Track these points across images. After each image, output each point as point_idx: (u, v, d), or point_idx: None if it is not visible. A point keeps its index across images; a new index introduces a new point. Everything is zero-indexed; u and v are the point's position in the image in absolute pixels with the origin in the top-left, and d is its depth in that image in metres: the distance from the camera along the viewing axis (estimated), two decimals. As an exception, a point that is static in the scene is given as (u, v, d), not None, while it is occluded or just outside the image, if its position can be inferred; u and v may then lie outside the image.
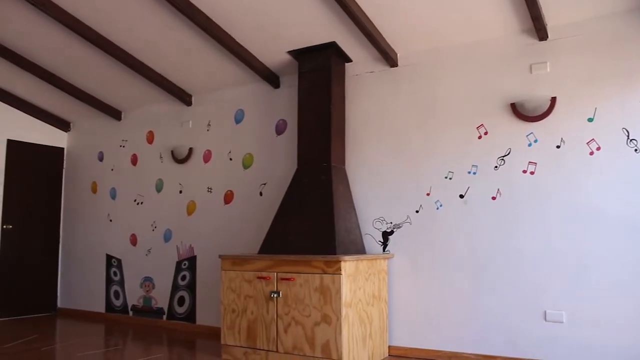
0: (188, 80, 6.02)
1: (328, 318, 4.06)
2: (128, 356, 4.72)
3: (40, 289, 7.44)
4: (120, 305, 6.82)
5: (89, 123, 7.57)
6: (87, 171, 7.51)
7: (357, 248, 4.70)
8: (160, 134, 6.67)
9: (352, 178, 5.06)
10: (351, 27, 4.57)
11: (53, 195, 7.69)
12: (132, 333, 5.89)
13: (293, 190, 4.90)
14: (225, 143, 6.00)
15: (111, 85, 6.41)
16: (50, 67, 6.19)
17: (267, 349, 4.37)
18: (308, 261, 4.21)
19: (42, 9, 4.82)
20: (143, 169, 6.80)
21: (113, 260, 6.99)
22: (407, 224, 4.75)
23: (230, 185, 5.91)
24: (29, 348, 5.05)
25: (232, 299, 4.62)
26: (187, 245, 6.21)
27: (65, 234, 7.68)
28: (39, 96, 7.07)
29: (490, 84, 4.49)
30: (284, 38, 4.93)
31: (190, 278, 6.13)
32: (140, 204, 6.77)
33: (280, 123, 5.60)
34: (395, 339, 4.72)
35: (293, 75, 5.49)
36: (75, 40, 5.44)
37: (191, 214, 6.22)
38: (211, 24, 4.76)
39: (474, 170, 4.49)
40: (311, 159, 4.91)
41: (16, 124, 7.31)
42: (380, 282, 4.60)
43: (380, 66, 5.02)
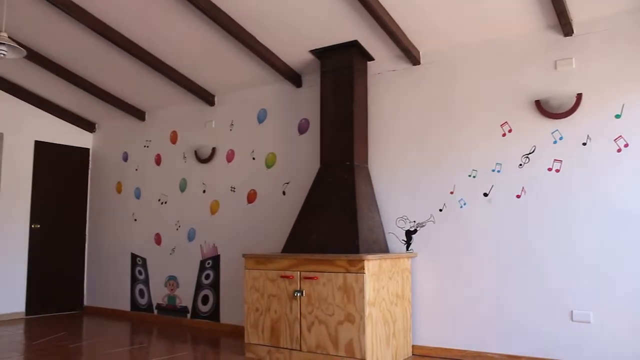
0: (211, 80, 6.06)
1: (351, 317, 4.06)
2: (153, 354, 4.76)
3: (67, 287, 7.56)
4: (145, 304, 6.89)
5: (114, 124, 7.67)
6: (112, 171, 7.60)
7: (380, 247, 4.69)
8: (183, 134, 6.72)
9: (375, 177, 5.04)
10: (373, 26, 4.56)
11: (79, 195, 7.80)
12: (157, 331, 5.94)
13: (316, 190, 4.90)
14: (248, 142, 6.03)
15: (135, 86, 6.48)
16: (75, 69, 6.28)
17: (290, 348, 4.38)
18: (331, 260, 4.21)
19: (66, 12, 4.89)
20: (167, 168, 6.86)
21: (138, 259, 7.06)
22: (430, 222, 4.73)
23: (253, 185, 5.93)
24: (57, 345, 5.13)
25: (255, 297, 4.64)
26: (211, 245, 6.25)
27: (91, 233, 7.79)
28: (65, 98, 7.18)
29: (514, 81, 4.44)
30: (306, 37, 4.93)
31: (214, 277, 6.17)
32: (164, 204, 6.83)
33: (303, 122, 5.61)
34: (419, 339, 4.70)
35: (315, 75, 5.49)
36: (100, 43, 5.51)
37: (215, 213, 6.26)
38: (234, 24, 4.78)
39: (498, 168, 4.45)
40: (334, 158, 4.90)
41: (43, 126, 7.43)
42: (404, 281, 4.58)
43: (403, 64, 5.00)
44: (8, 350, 4.91)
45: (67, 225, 7.62)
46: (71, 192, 7.71)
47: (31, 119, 7.31)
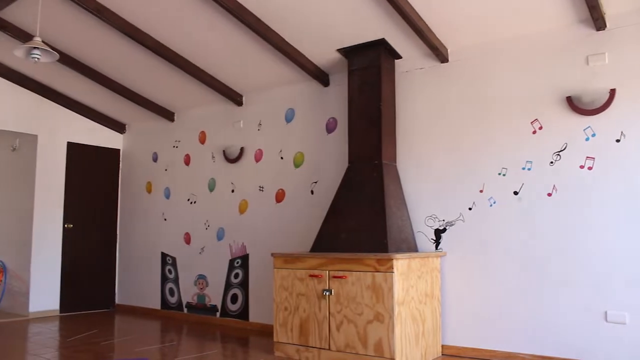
0: (239, 80, 6.09)
1: (380, 316, 4.04)
2: (183, 352, 4.81)
3: (99, 286, 7.68)
4: (175, 302, 6.97)
5: (144, 125, 7.77)
6: (142, 171, 7.70)
7: (409, 246, 4.66)
8: (212, 134, 6.77)
9: (404, 175, 5.02)
10: (400, 23, 4.53)
11: (110, 195, 7.93)
12: (187, 329, 6.00)
13: (344, 188, 4.89)
14: (276, 142, 6.05)
15: (164, 87, 6.55)
16: (106, 71, 6.38)
17: (319, 347, 4.39)
18: (360, 259, 4.20)
19: (98, 16, 4.97)
20: (196, 168, 6.92)
21: (168, 258, 7.15)
22: (459, 221, 4.68)
23: (282, 184, 5.95)
24: (90, 342, 5.22)
25: (284, 296, 4.65)
26: (240, 244, 6.29)
27: (122, 232, 7.91)
28: (96, 100, 7.29)
29: (545, 77, 4.37)
30: (333, 36, 4.93)
31: (243, 276, 6.21)
32: (193, 203, 6.90)
33: (331, 121, 5.61)
34: (448, 338, 4.66)
35: (343, 73, 5.49)
36: (131, 45, 5.59)
37: (243, 213, 6.29)
38: (261, 24, 4.80)
39: (528, 166, 4.38)
40: (362, 156, 4.89)
41: (75, 127, 7.57)
42: (433, 280, 4.55)
43: (431, 62, 4.96)
44: (44, 347, 5.01)
45: (99, 225, 7.75)
46: (103, 193, 7.84)
47: (64, 120, 7.45)
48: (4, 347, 5.06)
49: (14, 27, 5.56)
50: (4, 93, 6.88)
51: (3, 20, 5.47)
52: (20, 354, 4.73)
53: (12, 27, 5.56)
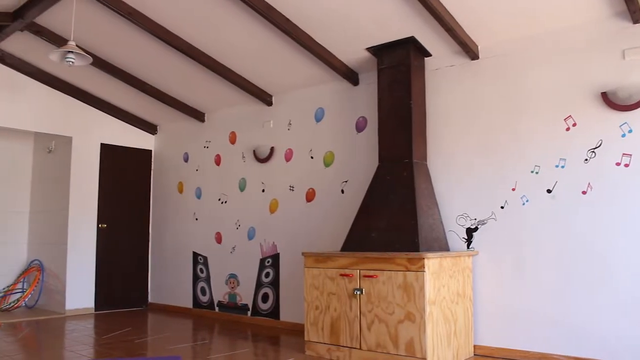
0: (268, 80, 6.12)
1: (412, 316, 4.02)
2: (215, 350, 4.85)
3: (132, 284, 7.80)
4: (207, 301, 7.03)
5: (175, 125, 7.86)
6: (174, 172, 7.79)
7: (440, 245, 4.62)
8: (242, 134, 6.82)
9: (434, 174, 4.98)
10: (430, 21, 4.49)
11: (142, 196, 8.05)
12: (218, 328, 6.05)
13: (375, 187, 4.88)
14: (306, 141, 6.06)
15: (195, 88, 6.62)
16: (138, 73, 6.47)
17: (350, 346, 4.38)
18: (391, 258, 4.18)
19: (129, 19, 5.04)
20: (226, 168, 6.98)
21: (199, 257, 7.22)
22: (491, 220, 4.63)
23: (312, 183, 5.96)
24: (123, 340, 5.30)
25: (315, 296, 4.66)
26: (270, 243, 6.32)
27: (155, 232, 8.02)
28: (129, 102, 7.41)
29: (579, 73, 4.29)
30: (362, 35, 4.92)
31: (274, 275, 6.23)
32: (224, 203, 6.95)
33: (361, 120, 5.59)
34: (480, 339, 4.61)
35: (372, 72, 5.47)
36: (161, 47, 5.66)
37: (274, 212, 6.32)
38: (290, 24, 4.81)
39: (562, 163, 4.31)
40: (392, 155, 4.87)
41: (108, 129, 7.70)
42: (465, 279, 4.51)
43: (461, 59, 4.91)
44: (80, 344, 5.11)
45: (131, 224, 7.87)
46: (135, 193, 7.96)
47: (97, 122, 7.58)
48: (43, 343, 5.18)
49: (49, 31, 5.68)
50: (40, 96, 7.04)
51: (38, 25, 5.60)
52: (58, 350, 4.83)
53: (48, 32, 5.68)
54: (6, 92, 6.75)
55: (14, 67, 6.70)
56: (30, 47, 6.18)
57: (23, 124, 6.91)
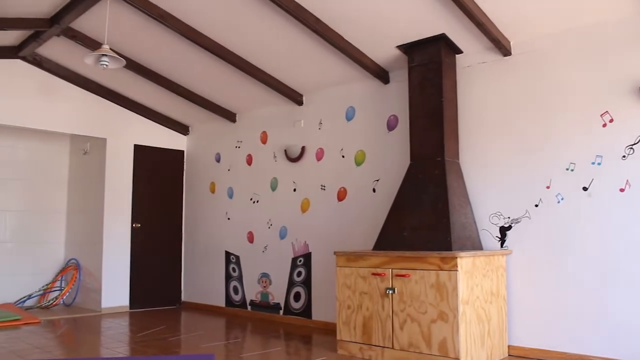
0: (299, 80, 6.14)
1: (445, 315, 3.99)
2: (247, 349, 4.89)
3: (166, 283, 7.91)
4: (239, 300, 7.09)
5: (206, 126, 7.94)
6: (206, 172, 7.87)
7: (473, 244, 4.58)
8: (273, 134, 6.85)
9: (467, 172, 4.93)
10: (461, 17, 4.45)
11: (175, 196, 8.15)
12: (251, 327, 6.09)
13: (406, 186, 4.85)
14: (337, 140, 6.06)
15: (226, 89, 6.67)
16: (170, 75, 6.56)
17: (382, 346, 4.37)
18: (423, 257, 4.16)
19: (161, 21, 5.11)
20: (258, 168, 7.02)
21: (232, 256, 7.28)
22: (525, 218, 4.56)
23: (343, 183, 5.95)
24: (157, 338, 5.38)
25: (347, 295, 4.66)
26: (302, 242, 6.33)
27: (187, 232, 8.11)
28: (161, 103, 7.51)
29: (616, 68, 4.19)
30: (393, 33, 4.89)
31: (306, 274, 6.25)
32: (256, 203, 7.00)
33: (392, 119, 5.57)
34: (515, 339, 4.54)
35: (403, 70, 5.44)
36: (193, 49, 5.72)
37: (305, 212, 6.34)
38: (320, 24, 4.82)
39: (598, 160, 4.22)
40: (424, 153, 4.84)
41: (141, 130, 7.82)
42: (499, 279, 4.45)
43: (493, 56, 4.85)
44: (116, 341, 5.20)
45: (165, 224, 7.98)
46: (168, 193, 8.06)
47: (130, 124, 7.71)
48: (80, 340, 5.29)
49: (83, 36, 5.80)
50: (76, 99, 7.19)
51: (74, 30, 5.71)
52: (95, 347, 4.93)
53: (82, 36, 5.80)
54: (44, 96, 6.91)
55: (50, 71, 6.86)
56: (66, 51, 6.32)
57: (60, 127, 7.07)
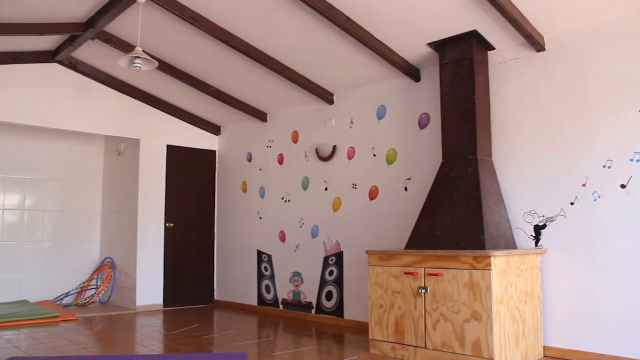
0: (329, 79, 6.14)
1: (478, 315, 3.95)
2: (279, 347, 4.91)
3: (199, 282, 8.00)
4: (271, 299, 7.12)
5: (238, 126, 8.00)
6: (238, 171, 7.93)
7: (507, 243, 4.52)
8: (304, 133, 6.87)
9: (500, 170, 4.86)
10: (492, 13, 4.38)
11: (208, 195, 8.23)
12: (283, 325, 6.12)
13: (439, 184, 4.82)
14: (368, 139, 6.04)
15: (257, 89, 6.71)
16: (201, 76, 6.62)
17: (415, 345, 4.34)
18: (456, 256, 4.12)
19: (192, 23, 5.16)
20: (289, 167, 7.04)
21: (264, 255, 7.32)
22: (561, 216, 4.48)
23: (375, 181, 5.93)
24: (191, 336, 5.44)
25: (379, 294, 4.64)
26: (334, 241, 6.33)
27: (220, 231, 8.18)
28: (193, 104, 7.59)
29: (654, 63, 4.08)
30: (424, 30, 4.86)
31: (338, 273, 6.25)
32: (287, 202, 7.02)
33: (423, 117, 5.53)
34: (550, 339, 4.47)
35: (434, 68, 5.40)
36: (223, 49, 5.77)
37: (337, 210, 6.33)
38: (350, 23, 4.81)
39: (637, 157, 4.11)
40: (456, 151, 4.79)
41: (174, 131, 7.92)
42: (533, 278, 4.39)
43: (526, 51, 4.77)
44: (150, 338, 5.28)
45: (197, 223, 8.07)
46: (200, 192, 8.15)
47: (163, 124, 7.81)
48: (116, 337, 5.39)
49: (117, 39, 5.90)
50: (110, 101, 7.31)
51: (108, 33, 5.82)
52: (131, 345, 5.01)
53: (116, 39, 5.90)
54: (79, 98, 7.05)
55: (86, 74, 7.00)
56: (100, 54, 6.44)
57: (94, 128, 7.20)
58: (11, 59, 6.43)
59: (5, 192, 7.70)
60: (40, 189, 7.98)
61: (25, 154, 7.87)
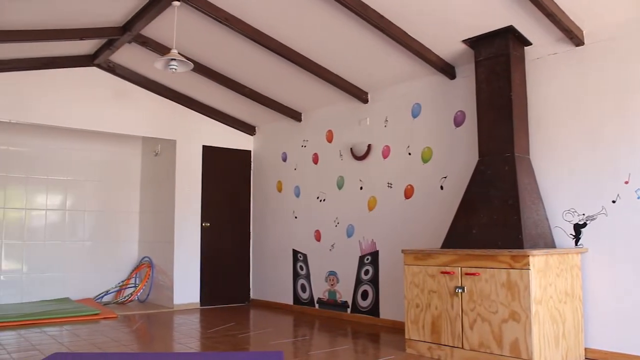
0: (363, 78, 6.12)
1: (516, 315, 3.88)
2: (315, 346, 4.92)
3: (235, 281, 8.06)
4: (307, 298, 7.14)
5: (272, 126, 8.03)
6: (273, 171, 7.97)
7: (545, 242, 4.43)
8: (339, 132, 6.86)
9: (538, 168, 4.77)
10: (529, 8, 4.30)
11: (243, 195, 8.29)
12: (318, 325, 6.12)
13: (475, 183, 4.75)
14: (403, 138, 6.00)
15: (291, 89, 6.73)
16: (236, 77, 6.68)
17: (452, 345, 4.30)
18: (494, 256, 4.06)
19: (227, 24, 5.20)
20: (324, 167, 7.04)
21: (299, 255, 7.34)
22: (602, 215, 4.37)
23: (410, 180, 5.89)
24: (227, 334, 5.49)
25: (415, 293, 4.61)
26: (369, 240, 6.31)
27: (255, 230, 8.24)
28: (228, 104, 7.66)
29: (699, 56, 3.95)
30: (458, 27, 4.80)
31: (373, 272, 6.22)
32: (322, 201, 7.02)
33: (459, 114, 5.47)
34: (592, 341, 4.36)
35: (469, 65, 5.33)
36: (258, 50, 5.80)
37: (372, 210, 6.31)
38: (384, 20, 4.78)
39: (681, 153, 3.99)
40: (493, 149, 4.72)
41: (209, 131, 8.00)
42: (573, 278, 4.29)
43: (564, 46, 4.67)
44: (188, 336, 5.35)
45: (233, 223, 8.14)
46: (236, 192, 8.22)
47: (199, 125, 7.90)
48: (154, 335, 5.47)
49: (153, 41, 5.99)
50: (147, 103, 7.44)
51: (144, 36, 5.91)
52: (169, 342, 5.08)
53: (152, 42, 5.99)
54: (117, 101, 7.18)
55: (123, 77, 7.13)
56: (137, 57, 6.55)
57: (132, 130, 7.33)
58: (51, 63, 6.60)
59: (48, 193, 7.90)
60: (80, 190, 8.17)
61: (65, 156, 8.06)
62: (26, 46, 5.98)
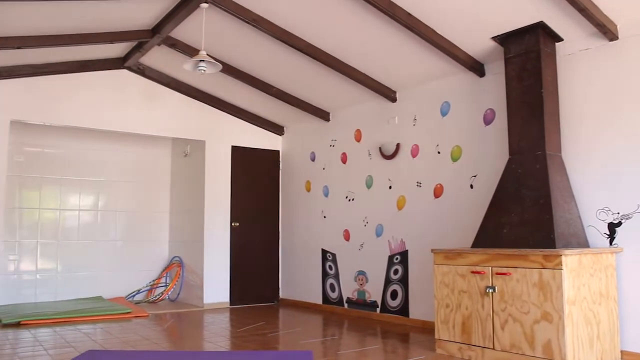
0: (392, 77, 6.08)
1: (549, 316, 3.81)
2: (344, 346, 4.91)
3: (264, 280, 8.10)
4: (336, 298, 7.13)
5: (301, 126, 8.05)
6: (301, 171, 7.98)
7: (579, 241, 4.34)
8: (367, 131, 6.83)
9: (570, 166, 4.68)
10: (560, 3, 4.22)
11: (272, 195, 8.32)
12: (347, 324, 6.11)
13: (506, 182, 4.69)
14: (432, 136, 5.95)
15: (319, 88, 6.73)
16: (264, 77, 6.70)
17: (482, 346, 4.25)
18: (525, 255, 4.00)
19: (255, 25, 5.23)
20: (353, 166, 7.03)
21: (328, 254, 7.33)
22: (637, 214, 4.26)
23: (440, 179, 5.84)
24: (257, 333, 5.52)
25: (445, 293, 4.57)
26: (399, 240, 6.28)
27: (284, 230, 8.26)
28: (256, 105, 7.69)
29: None
30: (487, 24, 4.74)
31: (403, 272, 6.19)
32: (351, 201, 7.01)
33: (488, 112, 5.40)
34: (628, 344, 4.25)
35: (499, 62, 5.26)
36: (285, 50, 5.82)
37: (401, 209, 6.27)
38: (412, 19, 4.75)
39: None
40: (524, 147, 4.65)
41: (238, 132, 8.05)
42: (608, 278, 4.20)
43: (597, 41, 4.57)
44: (217, 335, 5.39)
45: (262, 223, 8.17)
46: (265, 192, 8.25)
47: (228, 126, 7.96)
48: (185, 334, 5.53)
49: (182, 43, 6.05)
50: (176, 104, 7.52)
51: (173, 38, 5.97)
52: (199, 341, 5.13)
53: (181, 44, 6.05)
54: (147, 103, 7.28)
55: (153, 79, 7.22)
56: (166, 59, 6.63)
57: (162, 131, 7.42)
58: (83, 67, 6.72)
59: (81, 194, 8.04)
60: (111, 191, 8.30)
61: (97, 157, 8.20)
62: (58, 51, 6.10)
